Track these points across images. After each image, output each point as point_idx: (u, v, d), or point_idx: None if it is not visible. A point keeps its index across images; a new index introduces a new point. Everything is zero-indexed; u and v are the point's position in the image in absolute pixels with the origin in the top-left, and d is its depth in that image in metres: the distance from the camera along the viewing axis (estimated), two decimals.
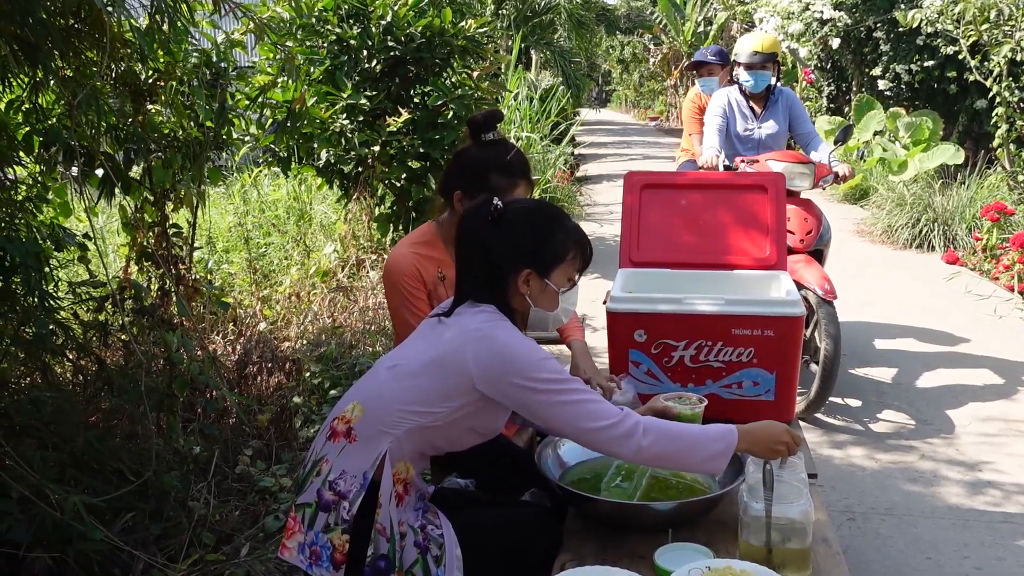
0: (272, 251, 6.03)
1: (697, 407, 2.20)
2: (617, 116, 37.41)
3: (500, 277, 1.98)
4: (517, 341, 1.89)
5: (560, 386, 1.86)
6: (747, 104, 4.73)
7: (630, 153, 18.33)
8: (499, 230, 1.98)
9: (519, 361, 1.86)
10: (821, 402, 4.13)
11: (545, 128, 11.01)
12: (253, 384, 4.11)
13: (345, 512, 1.89)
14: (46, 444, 2.78)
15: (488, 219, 1.98)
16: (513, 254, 1.98)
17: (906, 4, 10.40)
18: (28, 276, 2.75)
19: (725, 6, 17.26)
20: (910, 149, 9.93)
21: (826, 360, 4.00)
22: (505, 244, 1.98)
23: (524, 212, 2.03)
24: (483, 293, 1.98)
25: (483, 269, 1.98)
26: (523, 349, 1.88)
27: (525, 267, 1.98)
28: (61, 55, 2.76)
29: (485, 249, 1.98)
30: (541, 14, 15.17)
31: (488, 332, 1.90)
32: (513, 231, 1.99)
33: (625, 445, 1.83)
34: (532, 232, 2.00)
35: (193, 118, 3.53)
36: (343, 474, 1.91)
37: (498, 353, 1.87)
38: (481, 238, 1.99)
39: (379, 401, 1.96)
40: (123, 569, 2.70)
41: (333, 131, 5.26)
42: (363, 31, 5.27)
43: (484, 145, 2.52)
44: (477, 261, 1.99)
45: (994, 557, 3.12)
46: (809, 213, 4.39)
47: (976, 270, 7.28)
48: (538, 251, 2.00)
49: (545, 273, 2.00)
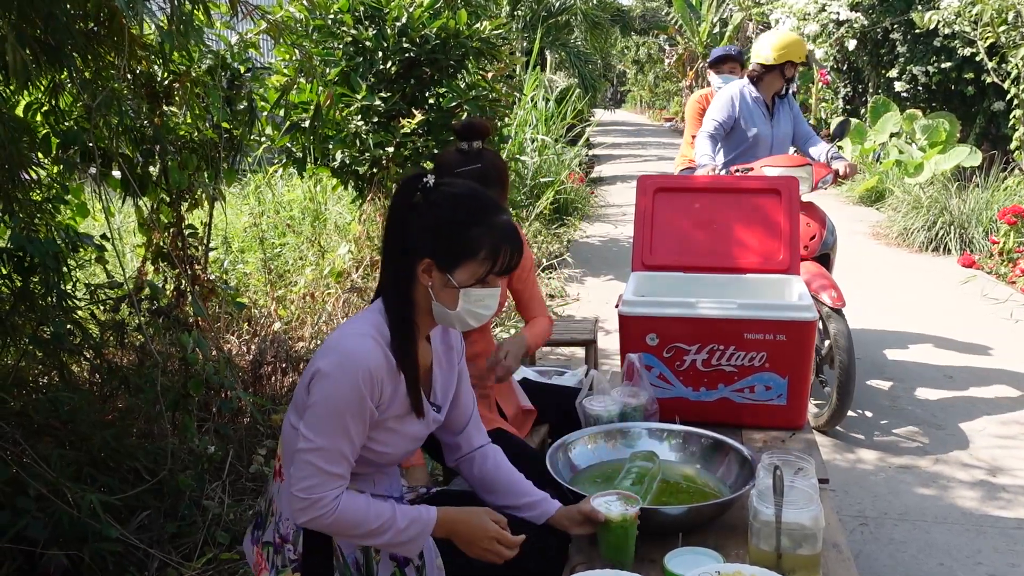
0: (287, 251, 6.06)
1: (628, 511, 1.84)
2: (632, 117, 37.34)
3: (407, 262, 1.81)
4: (341, 371, 1.73)
5: (331, 432, 1.73)
6: (763, 102, 4.57)
7: (645, 154, 18.30)
8: (420, 209, 1.79)
9: (317, 384, 1.74)
10: (841, 415, 4.01)
11: (560, 130, 11.01)
12: (268, 384, 4.13)
13: (291, 553, 1.86)
14: (63, 443, 2.82)
15: (413, 195, 1.81)
16: (423, 238, 1.79)
17: (923, 5, 10.35)
18: (47, 276, 2.79)
19: (741, 7, 17.21)
20: (926, 151, 9.88)
21: (841, 372, 3.89)
22: (420, 225, 1.79)
23: (450, 196, 1.81)
24: (388, 275, 1.85)
25: (394, 249, 1.84)
26: (336, 380, 1.73)
27: (428, 255, 1.79)
28: (82, 58, 2.79)
29: (402, 226, 1.81)
30: (556, 15, 15.16)
31: (339, 339, 1.79)
32: (431, 213, 1.78)
33: (304, 512, 1.74)
34: (450, 218, 1.78)
35: (209, 120, 3.56)
36: (281, 517, 1.89)
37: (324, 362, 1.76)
38: (401, 215, 1.82)
39: (285, 429, 1.88)
40: (138, 567, 2.72)
41: (348, 132, 5.28)
42: (378, 32, 5.29)
43: (461, 152, 2.54)
44: (391, 237, 1.85)
45: (1008, 564, 3.11)
46: (811, 217, 4.27)
47: (993, 274, 7.23)
48: (448, 240, 1.78)
49: (448, 266, 1.79)
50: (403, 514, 1.80)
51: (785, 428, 2.54)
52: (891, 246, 8.54)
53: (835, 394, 3.95)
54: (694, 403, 2.54)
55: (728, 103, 4.55)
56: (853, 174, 4.41)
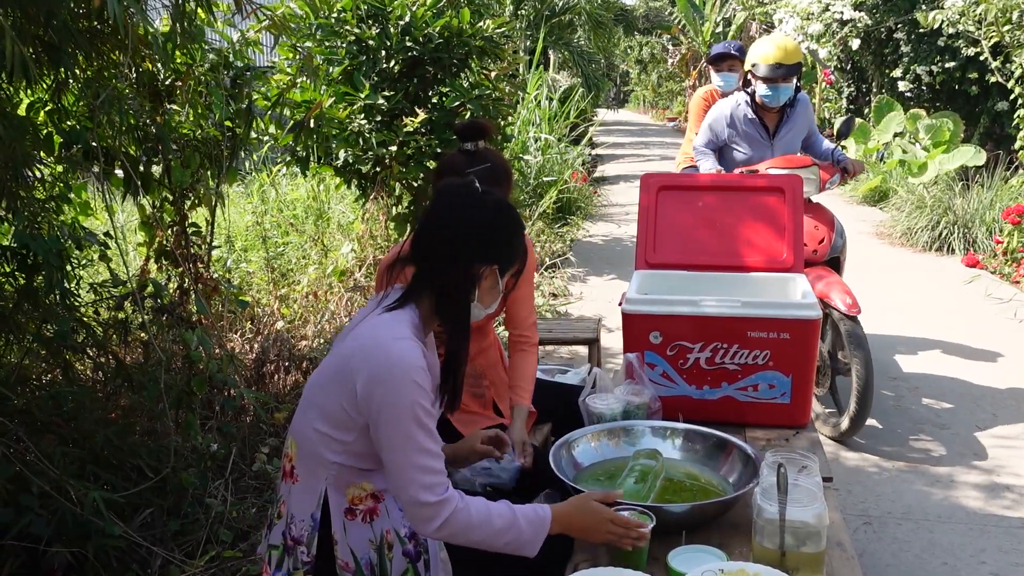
0: (290, 250, 6.06)
1: (644, 528, 1.80)
2: (635, 117, 37.33)
3: (468, 268, 1.83)
4: (411, 359, 1.72)
5: (421, 433, 1.71)
6: (760, 123, 4.18)
7: (648, 154, 18.29)
8: (475, 217, 1.84)
9: (400, 388, 1.70)
10: (859, 425, 3.92)
11: (563, 129, 11.00)
12: (271, 382, 4.14)
13: (304, 555, 1.85)
14: (66, 440, 2.82)
15: (467, 203, 1.85)
16: (486, 245, 1.84)
17: (927, 5, 10.34)
18: (50, 274, 2.79)
19: (744, 6, 17.19)
20: (930, 151, 9.86)
21: (859, 381, 3.79)
22: (481, 233, 1.83)
23: (505, 206, 1.90)
24: (443, 278, 1.83)
25: (450, 254, 1.84)
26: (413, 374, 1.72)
27: (495, 261, 1.85)
28: (85, 57, 2.80)
29: (460, 232, 1.83)
30: (560, 14, 15.15)
31: (383, 343, 1.75)
32: (489, 221, 1.84)
33: (436, 515, 1.70)
34: (507, 226, 1.88)
35: (211, 118, 3.56)
36: (294, 519, 1.87)
37: (386, 369, 1.72)
38: (456, 222, 1.84)
39: (302, 431, 1.85)
40: (141, 564, 2.73)
41: (351, 131, 5.28)
42: (381, 31, 5.29)
43: (464, 152, 2.54)
44: (444, 243, 1.84)
45: (1012, 563, 3.10)
46: (820, 220, 4.14)
47: (996, 273, 7.22)
48: (509, 247, 1.88)
49: (503, 271, 1.88)
50: (521, 512, 1.78)
51: (789, 426, 2.53)
52: (895, 246, 8.53)
53: (853, 403, 3.86)
54: (697, 401, 2.54)
55: (717, 119, 4.28)
56: (860, 172, 4.27)
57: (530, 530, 1.77)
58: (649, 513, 1.86)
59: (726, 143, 4.28)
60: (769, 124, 4.21)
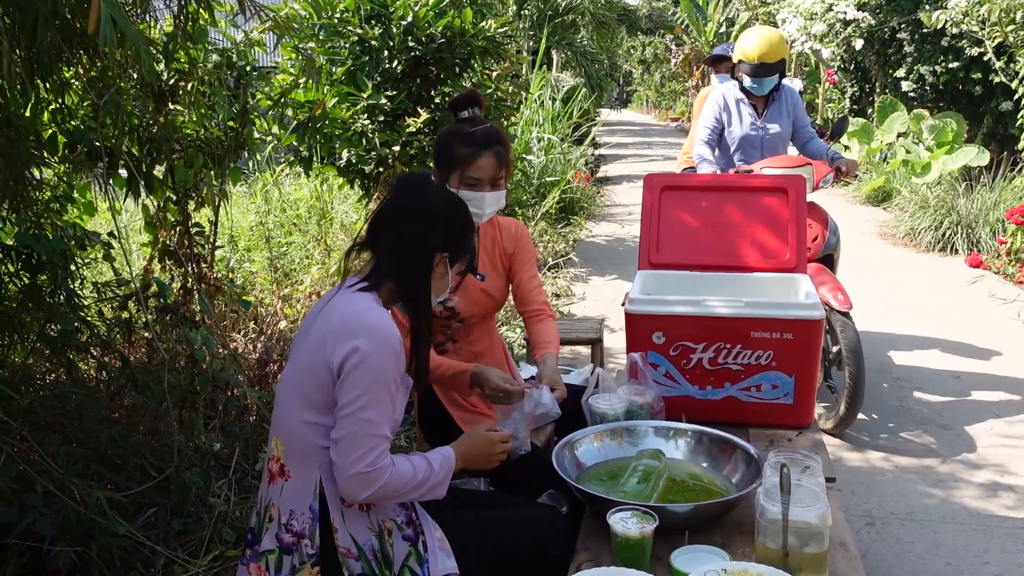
0: (293, 250, 6.07)
1: (646, 528, 1.81)
2: (638, 117, 37.32)
3: (426, 255, 1.95)
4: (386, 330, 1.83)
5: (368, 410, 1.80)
6: (749, 102, 4.44)
7: (651, 154, 18.29)
8: (433, 208, 1.97)
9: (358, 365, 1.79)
10: (850, 419, 4.00)
11: (566, 129, 11.01)
12: (274, 382, 4.14)
13: (308, 548, 1.87)
14: (70, 440, 2.83)
15: (424, 195, 1.98)
16: (441, 235, 1.97)
17: (931, 5, 10.33)
18: (54, 274, 2.80)
19: (747, 6, 17.18)
20: (934, 151, 9.85)
21: (850, 375, 3.86)
22: (434, 223, 1.97)
23: (458, 201, 2.05)
24: (401, 263, 1.94)
25: (409, 241, 1.95)
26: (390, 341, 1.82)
27: (446, 250, 1.97)
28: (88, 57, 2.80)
29: (419, 221, 1.96)
30: (563, 14, 15.15)
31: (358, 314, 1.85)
32: (444, 214, 1.99)
33: (370, 484, 1.80)
34: (461, 220, 2.02)
35: (214, 118, 3.56)
36: (293, 514, 1.89)
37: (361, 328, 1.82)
38: (415, 211, 1.97)
39: (287, 427, 1.91)
40: (144, 564, 2.73)
41: (354, 131, 5.28)
42: (384, 31, 5.29)
43: (458, 120, 2.55)
44: (405, 231, 1.96)
45: (1015, 563, 3.10)
46: (813, 219, 4.22)
47: (1000, 274, 7.21)
48: (459, 240, 2.01)
49: (453, 262, 2.00)
50: (432, 459, 1.92)
51: (792, 427, 2.53)
52: (898, 246, 8.52)
53: (844, 398, 3.93)
54: (700, 401, 2.54)
55: (711, 107, 4.49)
56: (853, 171, 4.37)
57: (442, 472, 1.92)
58: (652, 513, 1.86)
59: (724, 126, 4.50)
60: (758, 107, 4.50)
